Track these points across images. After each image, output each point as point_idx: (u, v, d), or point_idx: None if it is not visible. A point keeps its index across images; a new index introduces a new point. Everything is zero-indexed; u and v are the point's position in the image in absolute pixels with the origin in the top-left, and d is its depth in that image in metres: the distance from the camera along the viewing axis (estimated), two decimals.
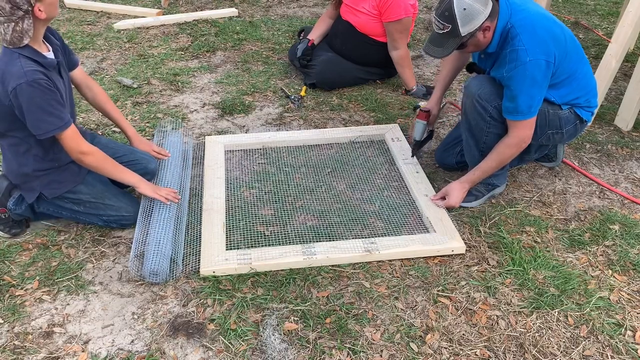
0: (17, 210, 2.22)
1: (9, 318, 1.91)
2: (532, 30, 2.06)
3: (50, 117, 1.96)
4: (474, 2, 2.00)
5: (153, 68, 3.65)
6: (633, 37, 3.10)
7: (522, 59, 2.04)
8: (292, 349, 1.82)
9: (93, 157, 2.09)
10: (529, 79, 2.07)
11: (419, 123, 2.64)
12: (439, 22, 2.05)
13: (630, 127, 3.09)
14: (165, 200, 2.20)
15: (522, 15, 2.09)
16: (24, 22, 1.90)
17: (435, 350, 1.82)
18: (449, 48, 2.10)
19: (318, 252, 2.13)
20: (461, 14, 2.00)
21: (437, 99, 2.63)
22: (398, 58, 3.32)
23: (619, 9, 4.66)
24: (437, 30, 2.09)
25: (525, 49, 2.04)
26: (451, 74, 2.61)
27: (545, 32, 2.09)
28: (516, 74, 2.07)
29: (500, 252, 2.22)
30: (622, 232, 2.34)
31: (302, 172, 2.68)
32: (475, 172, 2.34)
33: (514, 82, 2.10)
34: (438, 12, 2.05)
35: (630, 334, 1.90)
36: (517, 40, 2.05)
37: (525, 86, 2.09)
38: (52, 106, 1.95)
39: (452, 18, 2.01)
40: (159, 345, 1.82)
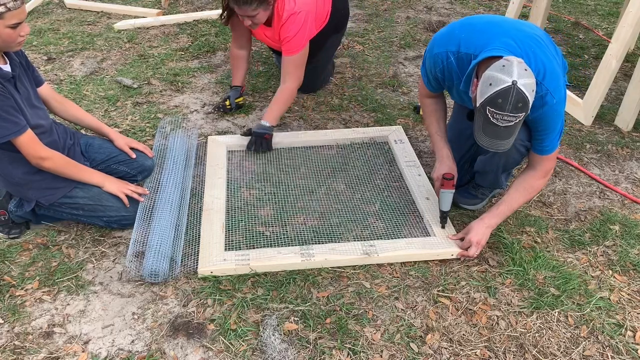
0: (19, 212, 2.22)
1: (9, 318, 1.91)
2: (549, 72, 1.95)
3: (5, 122, 1.95)
4: (531, 78, 1.81)
5: (153, 68, 3.65)
6: (633, 37, 3.10)
7: (550, 103, 1.95)
8: (292, 349, 1.82)
9: (52, 162, 2.08)
10: (557, 116, 2.01)
11: (446, 193, 2.22)
12: (512, 116, 1.79)
13: (630, 127, 3.09)
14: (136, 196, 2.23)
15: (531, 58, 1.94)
16: None
17: (435, 351, 1.82)
18: (518, 130, 1.88)
19: (316, 254, 2.12)
20: (531, 95, 1.80)
21: (450, 155, 2.30)
22: (283, 92, 2.88)
23: (619, 9, 4.66)
24: (506, 124, 1.81)
25: (550, 93, 1.94)
26: (444, 123, 2.37)
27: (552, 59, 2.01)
28: (545, 117, 1.99)
29: (501, 253, 2.22)
30: (623, 233, 2.34)
31: (302, 173, 2.68)
32: (500, 207, 2.16)
33: (544, 123, 2.01)
34: (509, 108, 1.77)
35: (630, 334, 1.90)
36: (539, 87, 1.91)
37: (555, 124, 2.03)
38: (7, 112, 1.95)
39: (526, 104, 1.79)
40: (159, 346, 1.82)
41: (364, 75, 3.66)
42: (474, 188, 2.47)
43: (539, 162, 2.13)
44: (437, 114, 2.35)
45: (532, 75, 1.82)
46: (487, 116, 1.81)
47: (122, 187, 2.23)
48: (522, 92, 1.76)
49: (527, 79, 1.78)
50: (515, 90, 1.76)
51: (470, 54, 1.99)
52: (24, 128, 1.99)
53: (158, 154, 2.60)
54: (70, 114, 2.40)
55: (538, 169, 2.14)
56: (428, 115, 2.37)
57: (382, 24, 4.48)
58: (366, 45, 4.10)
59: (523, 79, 1.77)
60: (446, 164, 2.27)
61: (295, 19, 2.73)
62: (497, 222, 2.17)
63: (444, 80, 2.17)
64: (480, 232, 2.12)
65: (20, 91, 2.06)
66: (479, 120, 1.86)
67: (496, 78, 1.78)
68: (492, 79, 1.79)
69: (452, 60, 2.06)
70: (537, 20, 3.88)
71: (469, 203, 2.44)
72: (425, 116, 2.40)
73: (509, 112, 1.78)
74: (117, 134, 2.46)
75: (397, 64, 3.83)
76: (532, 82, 1.80)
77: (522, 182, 2.16)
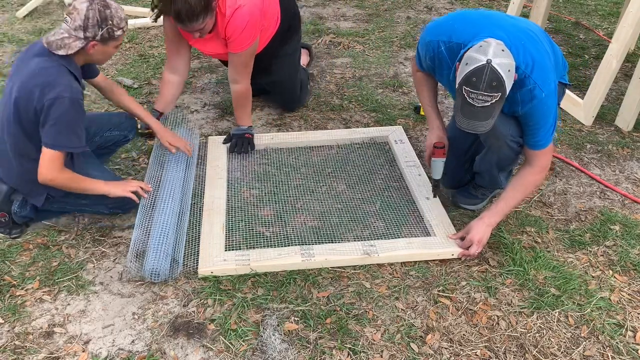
0: (22, 213, 2.22)
1: (10, 318, 1.91)
2: (539, 65, 1.95)
3: (73, 136, 2.03)
4: (509, 58, 1.82)
5: (154, 68, 3.65)
6: (634, 37, 3.10)
7: (539, 97, 1.95)
8: (293, 349, 1.82)
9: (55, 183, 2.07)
10: (547, 111, 2.01)
11: (438, 162, 2.30)
12: (486, 95, 1.80)
13: (631, 128, 3.09)
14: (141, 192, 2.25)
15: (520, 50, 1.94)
16: (74, 42, 2.00)
17: (435, 351, 1.82)
18: (497, 114, 1.89)
19: (316, 254, 2.12)
20: (507, 75, 1.80)
21: (441, 126, 2.34)
22: (239, 94, 2.72)
23: (619, 9, 4.66)
24: (482, 104, 1.83)
25: (538, 86, 1.94)
26: (435, 93, 2.39)
27: (544, 52, 2.00)
28: (536, 111, 1.99)
29: (501, 253, 2.21)
30: (623, 233, 2.34)
31: (302, 173, 2.68)
32: (499, 205, 2.15)
33: (534, 118, 2.01)
34: (483, 86, 1.79)
35: (630, 335, 1.90)
36: (527, 80, 1.93)
37: (545, 119, 2.02)
38: (79, 127, 2.04)
39: (501, 84, 1.80)
40: (159, 346, 1.82)
41: (365, 75, 3.67)
42: (474, 188, 2.47)
43: (533, 158, 2.12)
44: (428, 85, 2.36)
45: (510, 56, 1.82)
46: (464, 96, 1.83)
47: (127, 187, 2.23)
48: (496, 70, 1.77)
49: (503, 58, 1.79)
50: (489, 69, 1.77)
51: (461, 43, 1.99)
52: (72, 148, 2.06)
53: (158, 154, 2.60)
54: (119, 100, 2.46)
55: (534, 164, 2.13)
56: (419, 85, 2.40)
57: (382, 24, 4.49)
58: (366, 45, 4.10)
59: (498, 59, 1.78)
60: (436, 133, 2.32)
61: (241, 12, 2.50)
62: (497, 220, 2.17)
63: (434, 69, 2.18)
64: (480, 231, 2.12)
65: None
66: (458, 102, 1.89)
67: (472, 57, 1.81)
68: (468, 58, 1.82)
69: (443, 50, 2.06)
70: (538, 21, 3.88)
71: (469, 203, 2.44)
72: (417, 88, 2.44)
73: (483, 90, 1.79)
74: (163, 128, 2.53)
75: (398, 64, 3.83)
76: (508, 62, 1.80)
77: (519, 179, 2.16)
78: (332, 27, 4.41)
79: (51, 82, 1.97)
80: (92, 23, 1.99)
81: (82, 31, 2.00)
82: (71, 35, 2.00)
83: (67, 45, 2.01)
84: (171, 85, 2.79)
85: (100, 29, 2.01)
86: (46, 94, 1.95)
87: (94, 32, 2.01)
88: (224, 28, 2.53)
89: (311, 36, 4.22)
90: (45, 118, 1.97)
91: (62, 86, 1.97)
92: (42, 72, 1.99)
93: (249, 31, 2.55)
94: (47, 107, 1.95)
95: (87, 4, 1.99)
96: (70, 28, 2.00)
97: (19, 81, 2.02)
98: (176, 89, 2.82)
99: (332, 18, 4.61)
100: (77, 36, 2.00)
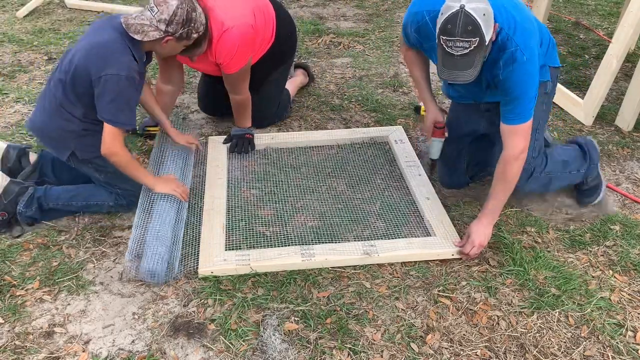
0: (27, 213, 2.23)
1: (10, 318, 1.91)
2: (522, 28, 1.95)
3: (129, 112, 2.10)
4: (483, 3, 1.81)
5: (153, 68, 3.65)
6: (634, 37, 3.10)
7: (519, 59, 1.92)
8: (293, 349, 1.82)
9: (118, 158, 2.15)
10: (528, 78, 1.97)
11: (437, 141, 2.33)
12: (463, 41, 1.80)
13: (631, 128, 3.09)
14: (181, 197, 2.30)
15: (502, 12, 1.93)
16: (153, 32, 2.07)
17: (435, 351, 1.82)
18: (479, 63, 1.87)
19: (317, 254, 2.12)
20: (483, 20, 1.79)
21: (436, 104, 2.37)
22: (239, 103, 2.70)
23: (619, 9, 4.66)
24: (461, 52, 1.82)
25: (520, 49, 1.92)
26: (427, 73, 2.38)
27: (527, 20, 1.99)
28: (515, 75, 1.95)
29: (501, 253, 2.21)
30: (623, 233, 2.34)
31: (303, 173, 2.68)
32: (490, 203, 2.13)
33: (513, 83, 1.97)
34: (459, 32, 1.79)
35: (631, 335, 1.90)
36: (509, 42, 1.92)
37: (526, 87, 1.98)
38: (131, 105, 2.11)
39: (477, 28, 1.79)
40: (159, 346, 1.82)
41: (365, 75, 3.67)
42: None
43: (509, 137, 2.03)
44: (418, 63, 2.36)
45: (486, 2, 1.82)
46: (443, 46, 1.84)
47: (174, 187, 2.30)
48: (470, 14, 1.77)
49: (477, 3, 1.79)
50: (462, 14, 1.77)
51: None
52: (129, 126, 2.13)
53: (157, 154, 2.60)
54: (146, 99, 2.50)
55: (510, 146, 2.03)
56: (410, 64, 2.41)
57: (382, 24, 4.49)
58: (367, 45, 4.11)
59: (472, 4, 1.78)
60: (432, 112, 2.34)
61: (229, 36, 2.40)
62: (495, 218, 2.16)
63: (421, 43, 2.17)
64: (480, 233, 2.11)
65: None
66: (439, 54, 1.89)
67: (447, 6, 1.82)
68: (444, 8, 1.83)
69: (428, 20, 2.06)
70: None
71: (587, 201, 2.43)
72: (408, 65, 2.44)
73: (459, 36, 1.79)
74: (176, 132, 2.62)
75: (398, 64, 3.83)
76: (482, 7, 1.80)
77: (501, 168, 2.07)
78: (332, 27, 4.41)
79: (113, 58, 2.03)
80: (178, 20, 2.07)
81: (165, 25, 2.06)
82: (152, 25, 2.06)
83: (145, 33, 2.06)
84: (164, 94, 2.73)
85: (182, 28, 2.09)
86: (105, 68, 2.01)
87: (176, 29, 2.08)
88: (212, 52, 2.45)
89: (311, 36, 4.22)
90: (102, 92, 2.03)
91: (122, 64, 2.03)
92: (109, 46, 2.05)
93: (240, 54, 2.47)
94: (104, 82, 2.02)
95: (178, 2, 2.06)
96: (154, 18, 2.06)
97: (88, 45, 2.09)
98: (169, 98, 2.76)
99: (332, 18, 4.61)
100: (158, 27, 2.06)
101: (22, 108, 3.15)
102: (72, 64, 2.10)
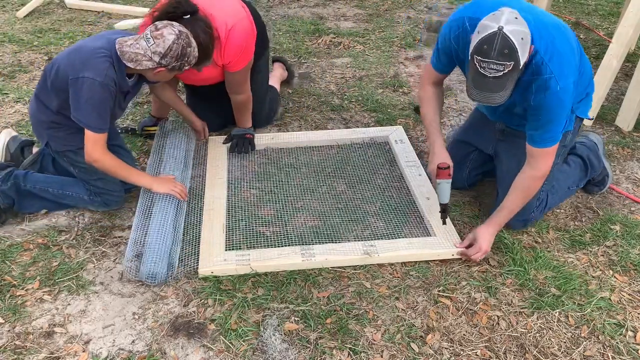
0: (3, 187, 2.27)
1: (10, 318, 1.91)
2: (559, 55, 1.88)
3: (96, 116, 2.11)
4: (522, 26, 1.75)
5: None
6: (634, 37, 3.10)
7: (553, 89, 1.87)
8: (293, 349, 1.82)
9: (101, 164, 2.18)
10: (560, 106, 1.92)
11: (443, 183, 2.17)
12: (498, 64, 1.73)
13: (631, 127, 3.09)
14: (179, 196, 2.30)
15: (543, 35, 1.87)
16: (147, 62, 2.10)
17: (436, 351, 1.82)
18: (510, 86, 1.81)
19: (317, 254, 2.12)
20: (521, 44, 1.73)
21: (443, 146, 2.25)
22: (241, 103, 2.72)
23: (619, 9, 4.66)
24: (494, 74, 1.76)
25: (554, 77, 1.86)
26: (440, 114, 2.32)
27: (569, 49, 1.93)
28: (546, 103, 1.91)
29: (501, 252, 2.21)
30: (623, 233, 2.34)
31: (303, 173, 2.68)
32: (501, 213, 2.14)
33: (544, 110, 1.93)
34: (493, 55, 1.72)
35: (631, 335, 1.90)
36: (544, 68, 1.86)
37: (556, 114, 1.94)
38: (104, 109, 2.11)
39: (514, 53, 1.72)
40: (159, 346, 1.82)
41: (365, 75, 3.67)
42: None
43: (534, 158, 2.04)
44: (434, 103, 2.29)
45: (524, 24, 1.75)
46: (476, 66, 1.78)
47: (171, 187, 2.31)
48: (508, 37, 1.71)
49: (516, 26, 1.73)
50: (500, 36, 1.71)
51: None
52: (103, 129, 2.15)
53: (157, 154, 2.60)
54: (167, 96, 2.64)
55: (534, 167, 2.06)
56: (426, 102, 2.30)
57: (382, 24, 4.49)
58: (367, 45, 4.11)
59: (511, 26, 1.72)
60: (438, 155, 2.21)
61: (235, 33, 2.44)
62: (501, 227, 2.19)
63: (457, 52, 2.07)
64: (487, 239, 2.13)
65: (125, 101, 2.30)
66: (470, 73, 1.83)
67: (484, 25, 1.75)
68: (481, 26, 1.77)
69: (468, 26, 1.97)
70: None
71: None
72: (422, 104, 2.33)
73: (494, 59, 1.73)
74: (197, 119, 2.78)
75: (398, 64, 3.83)
76: (521, 29, 1.73)
77: (520, 183, 2.10)
78: (332, 27, 4.41)
79: (92, 64, 2.06)
80: (172, 55, 2.09)
81: (160, 57, 2.09)
82: (146, 55, 2.10)
83: (139, 62, 2.11)
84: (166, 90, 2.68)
85: (175, 61, 2.12)
86: (83, 71, 2.05)
87: (169, 62, 2.11)
88: (222, 53, 2.46)
89: (311, 36, 4.22)
90: (76, 93, 2.07)
91: (99, 71, 2.06)
92: (94, 53, 2.09)
93: (247, 48, 2.53)
94: (80, 84, 2.05)
95: (175, 37, 2.08)
96: (149, 49, 2.09)
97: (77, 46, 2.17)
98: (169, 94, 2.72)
99: (332, 18, 4.61)
100: (152, 58, 2.10)
101: (22, 108, 3.14)
102: (58, 59, 2.16)
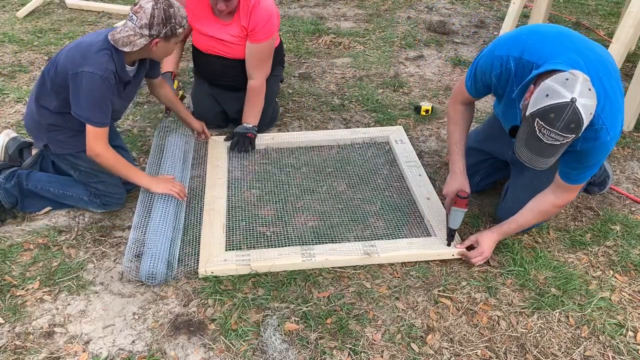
0: (6, 185, 2.28)
1: (10, 318, 1.91)
2: (610, 103, 1.81)
3: (98, 110, 2.11)
4: (593, 99, 1.65)
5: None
6: (634, 37, 3.10)
7: (603, 139, 1.81)
8: (293, 349, 1.82)
9: (103, 159, 2.19)
10: (605, 153, 1.90)
11: (459, 212, 2.12)
12: (560, 135, 1.64)
13: (631, 128, 3.09)
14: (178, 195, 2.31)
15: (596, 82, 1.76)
16: (140, 39, 2.09)
17: (436, 351, 1.82)
18: (561, 153, 1.75)
19: (317, 254, 2.12)
20: (587, 118, 1.64)
21: (464, 171, 2.22)
22: (254, 89, 2.73)
23: (620, 10, 4.66)
24: (551, 142, 1.67)
25: (605, 128, 1.80)
26: (466, 136, 2.26)
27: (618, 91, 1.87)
28: (594, 151, 1.86)
29: (501, 253, 2.21)
30: (623, 233, 2.34)
31: (303, 173, 2.68)
32: (510, 225, 2.14)
33: (589, 156, 1.88)
34: (559, 126, 1.62)
35: (631, 335, 1.90)
36: (596, 119, 1.77)
37: (599, 160, 1.92)
38: (105, 104, 2.12)
39: (579, 127, 1.64)
40: (159, 346, 1.82)
41: (365, 75, 3.67)
42: None
43: (562, 189, 2.01)
44: (463, 124, 2.24)
45: (594, 97, 1.66)
46: (534, 128, 1.67)
47: (170, 186, 2.31)
48: (578, 112, 1.61)
49: (589, 99, 1.63)
50: (571, 109, 1.60)
51: (533, 62, 1.85)
52: (105, 124, 2.15)
53: (157, 154, 2.60)
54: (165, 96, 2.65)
55: (559, 197, 2.03)
56: (454, 122, 2.24)
57: (383, 24, 4.49)
58: (367, 45, 4.11)
59: (584, 99, 1.61)
60: (459, 181, 2.18)
61: (265, 2, 2.56)
62: (505, 238, 2.21)
63: (496, 87, 2.01)
64: (490, 245, 2.14)
65: (126, 92, 2.28)
66: (524, 131, 1.72)
67: (555, 90, 1.63)
68: (550, 90, 1.65)
69: (512, 66, 1.90)
70: (538, 21, 3.88)
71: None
72: (450, 122, 2.27)
73: (558, 130, 1.63)
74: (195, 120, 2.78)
75: (398, 64, 3.83)
76: (592, 104, 1.64)
77: (540, 205, 2.07)
78: (332, 27, 4.41)
79: (92, 58, 2.07)
80: (157, 21, 2.08)
81: (148, 29, 2.08)
82: (136, 33, 2.09)
83: (132, 43, 2.09)
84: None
85: (164, 27, 2.10)
86: (83, 65, 2.06)
87: (159, 30, 2.10)
88: (249, 16, 2.56)
89: (311, 36, 4.22)
90: (76, 88, 2.07)
91: (100, 64, 2.06)
92: (92, 47, 2.09)
93: (273, 21, 2.59)
94: (80, 78, 2.06)
95: (153, 3, 2.07)
96: (135, 26, 2.08)
97: (76, 42, 2.17)
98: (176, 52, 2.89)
99: (332, 18, 4.61)
100: (142, 34, 2.09)
101: (22, 108, 3.14)
102: (58, 58, 2.16)
